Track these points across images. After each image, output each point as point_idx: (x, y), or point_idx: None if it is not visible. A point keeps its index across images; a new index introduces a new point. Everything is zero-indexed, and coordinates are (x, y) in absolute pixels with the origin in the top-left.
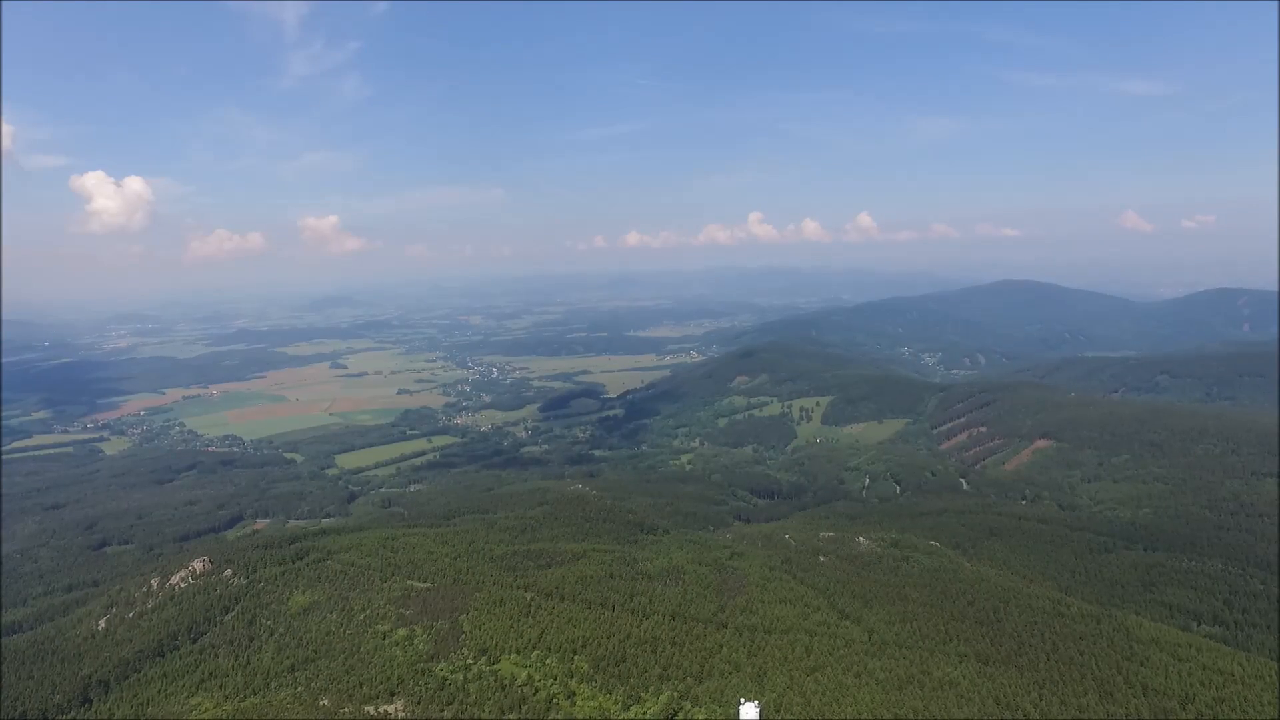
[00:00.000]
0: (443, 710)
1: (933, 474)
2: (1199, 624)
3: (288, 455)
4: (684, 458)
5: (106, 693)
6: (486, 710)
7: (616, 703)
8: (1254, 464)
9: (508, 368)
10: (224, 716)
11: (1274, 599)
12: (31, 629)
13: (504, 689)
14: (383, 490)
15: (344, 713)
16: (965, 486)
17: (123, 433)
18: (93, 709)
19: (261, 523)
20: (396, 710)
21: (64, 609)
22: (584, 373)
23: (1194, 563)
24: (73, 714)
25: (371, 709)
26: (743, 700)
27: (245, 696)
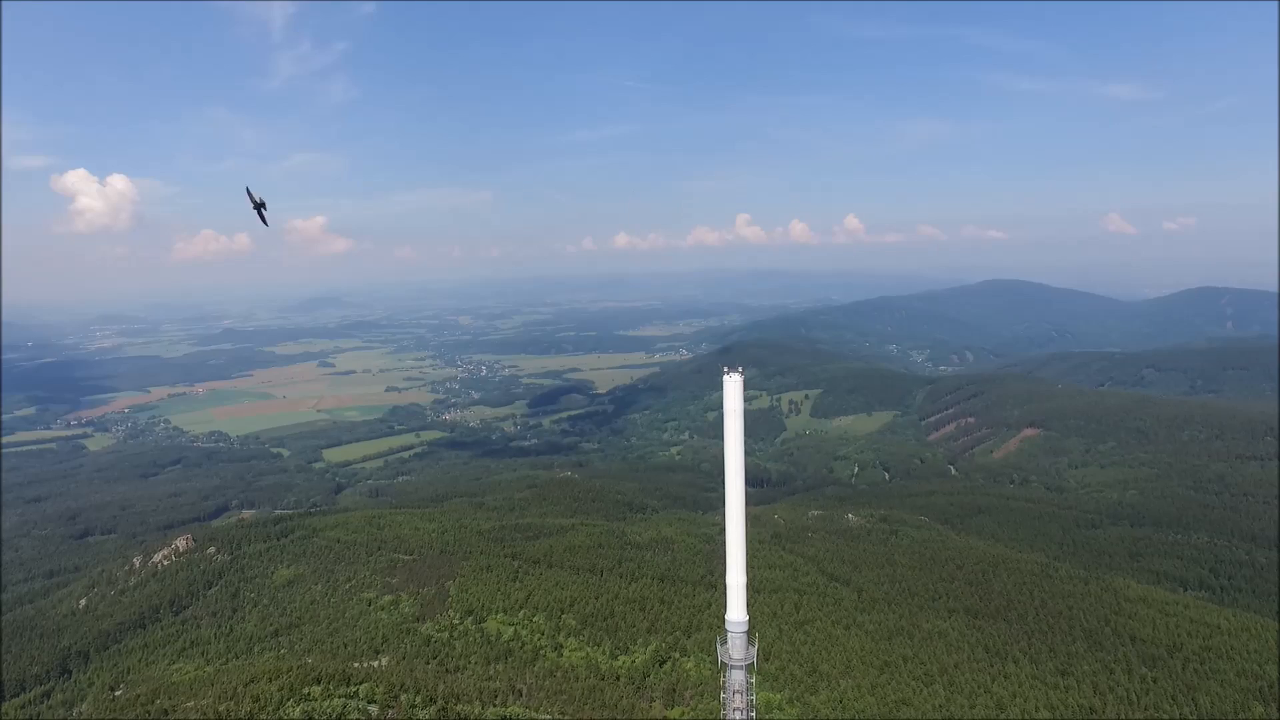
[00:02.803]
0: (428, 664)
1: (921, 461)
2: (1185, 589)
3: (274, 450)
4: (673, 450)
5: (86, 663)
6: (472, 662)
7: (604, 653)
8: (1238, 448)
9: (497, 366)
10: (205, 676)
11: (1260, 567)
12: (11, 612)
13: (490, 643)
14: (370, 482)
15: (329, 667)
16: (954, 472)
17: (107, 430)
18: (72, 679)
19: (247, 513)
20: (381, 665)
21: (45, 593)
22: (573, 370)
23: (1180, 536)
24: (51, 684)
25: (357, 665)
26: (726, 369)
27: (227, 660)
